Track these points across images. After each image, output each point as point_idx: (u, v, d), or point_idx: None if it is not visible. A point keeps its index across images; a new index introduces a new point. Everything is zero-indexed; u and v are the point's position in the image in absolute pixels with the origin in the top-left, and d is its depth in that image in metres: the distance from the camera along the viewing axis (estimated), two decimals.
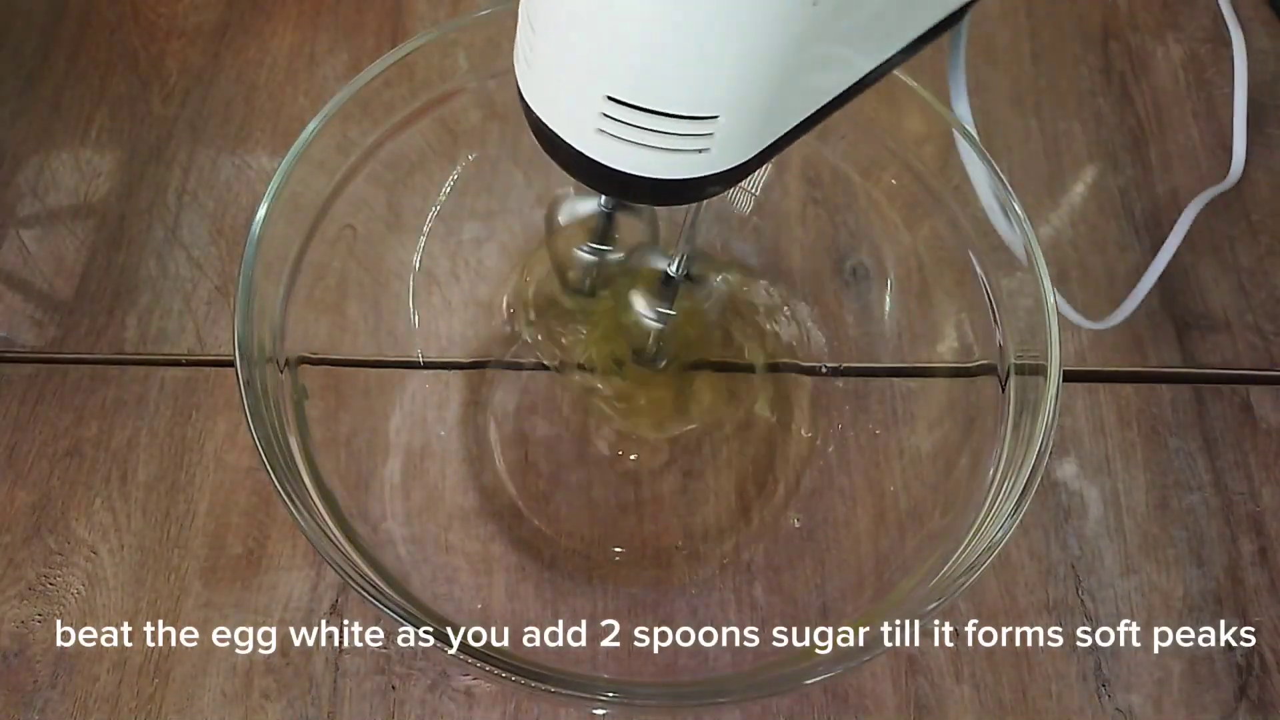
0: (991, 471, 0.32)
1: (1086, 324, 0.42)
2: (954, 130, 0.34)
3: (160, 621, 0.38)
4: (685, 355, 0.41)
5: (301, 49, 0.52)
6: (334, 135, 0.35)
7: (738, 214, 0.44)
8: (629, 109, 0.21)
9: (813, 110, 0.24)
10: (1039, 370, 0.31)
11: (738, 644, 0.37)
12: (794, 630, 0.38)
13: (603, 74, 0.21)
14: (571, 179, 0.24)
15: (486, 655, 0.27)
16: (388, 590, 0.29)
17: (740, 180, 0.24)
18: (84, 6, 0.54)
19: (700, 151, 0.22)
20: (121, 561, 0.39)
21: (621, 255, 0.37)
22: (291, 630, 0.38)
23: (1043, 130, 0.50)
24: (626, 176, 0.23)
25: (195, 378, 0.43)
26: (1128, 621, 0.39)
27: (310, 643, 0.38)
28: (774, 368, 0.43)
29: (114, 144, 0.49)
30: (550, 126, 0.23)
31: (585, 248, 0.36)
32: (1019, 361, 0.33)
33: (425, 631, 0.27)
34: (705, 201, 0.32)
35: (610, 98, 0.21)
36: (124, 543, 0.39)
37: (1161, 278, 0.46)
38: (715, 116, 0.21)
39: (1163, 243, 0.47)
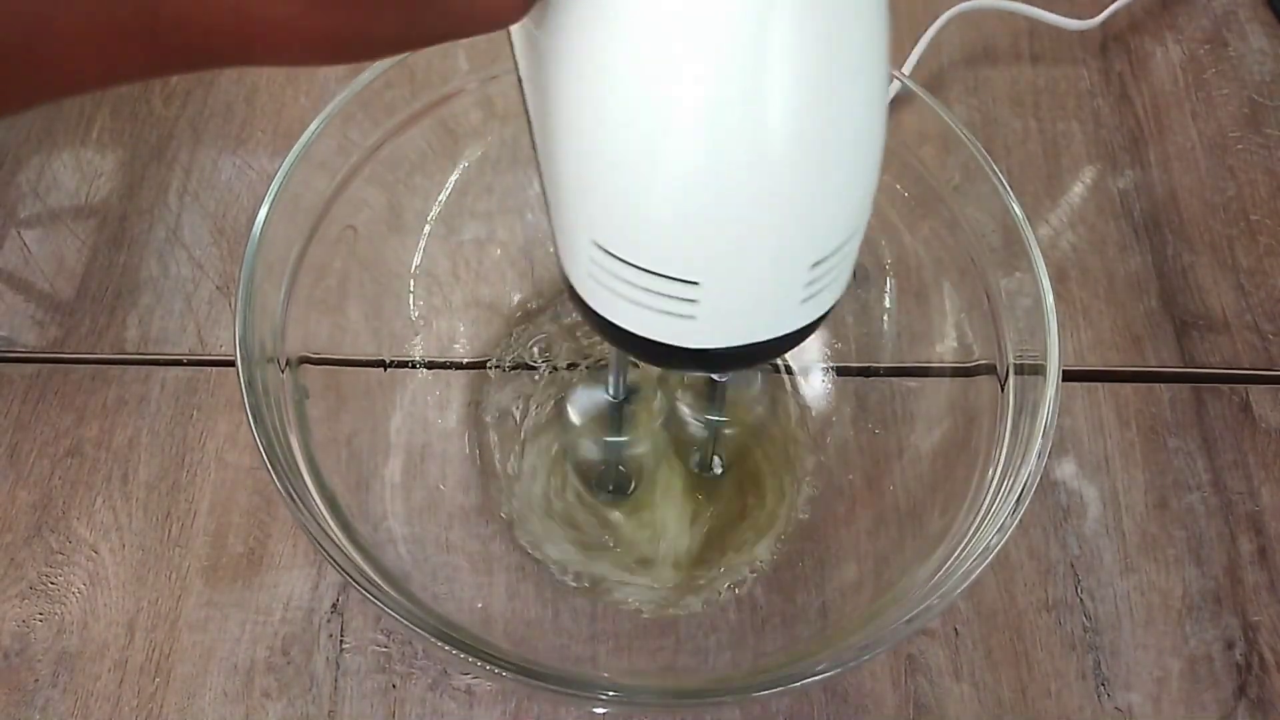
0: (991, 471, 0.32)
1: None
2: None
3: (161, 620, 0.38)
4: (741, 456, 0.40)
5: None
6: (335, 136, 0.35)
7: None
8: (612, 258, 0.21)
9: (805, 321, 0.23)
10: (1038, 370, 0.32)
11: (738, 644, 0.37)
12: (793, 629, 0.38)
13: (588, 220, 0.21)
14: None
15: (487, 655, 0.27)
16: (388, 589, 0.29)
17: (746, 366, 0.24)
18: None
19: (685, 319, 0.21)
20: (123, 561, 0.39)
21: (639, 449, 0.36)
22: (292, 629, 0.38)
23: (1042, 130, 0.50)
24: (622, 330, 0.22)
25: (196, 378, 0.43)
26: (1127, 621, 0.39)
27: (311, 642, 0.38)
28: (773, 368, 0.43)
29: (115, 144, 0.49)
30: (562, 265, 0.23)
31: (599, 442, 0.36)
32: (1018, 361, 0.33)
33: (426, 631, 0.27)
34: None
35: (596, 244, 0.21)
36: (125, 542, 0.40)
37: (1160, 278, 0.46)
38: (696, 283, 0.20)
39: (1164, 248, 0.47)
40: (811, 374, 0.42)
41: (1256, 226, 0.48)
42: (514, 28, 0.22)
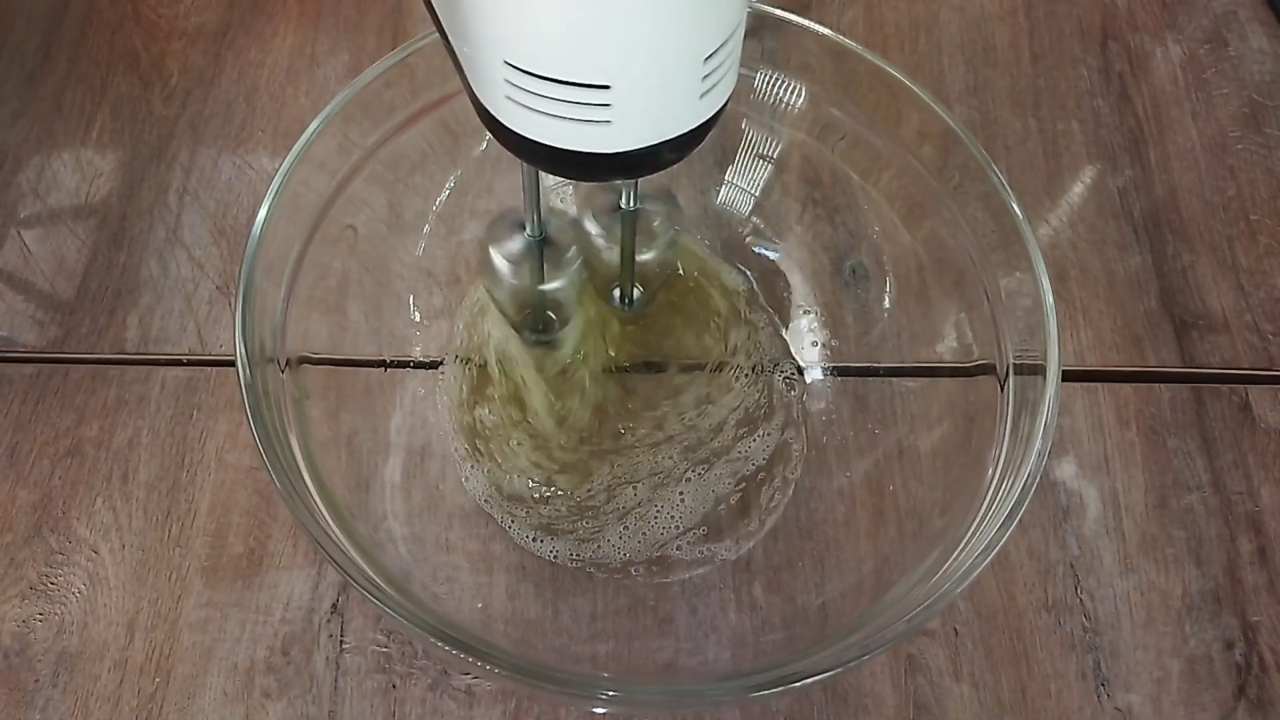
0: (990, 471, 0.32)
1: None
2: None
3: (161, 620, 0.38)
4: (662, 284, 0.42)
5: (302, 50, 0.52)
6: (335, 136, 0.35)
7: (737, 214, 0.44)
8: (527, 75, 0.22)
9: (705, 116, 0.24)
10: (1038, 370, 0.32)
11: (738, 644, 0.37)
12: (793, 629, 0.38)
13: (501, 41, 0.22)
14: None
15: (487, 655, 0.27)
16: (388, 589, 0.29)
17: (658, 168, 0.25)
18: (85, 7, 0.54)
19: (600, 125, 0.23)
20: (123, 561, 0.39)
21: (559, 284, 0.37)
22: (292, 629, 0.38)
23: (1042, 130, 0.51)
24: (540, 145, 0.24)
25: (196, 377, 0.43)
26: (1127, 621, 0.39)
27: (311, 642, 0.38)
28: (774, 367, 0.43)
29: (115, 144, 0.49)
30: (475, 93, 0.24)
31: (522, 283, 0.37)
32: (1018, 361, 0.33)
33: (426, 631, 0.27)
34: None
35: (509, 63, 0.22)
36: (125, 542, 0.40)
37: (1160, 277, 0.46)
38: (608, 86, 0.22)
39: (1164, 248, 0.47)
40: (811, 373, 0.42)
41: (1256, 226, 0.48)
42: None
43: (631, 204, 0.36)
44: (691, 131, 0.24)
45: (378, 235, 0.39)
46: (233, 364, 0.30)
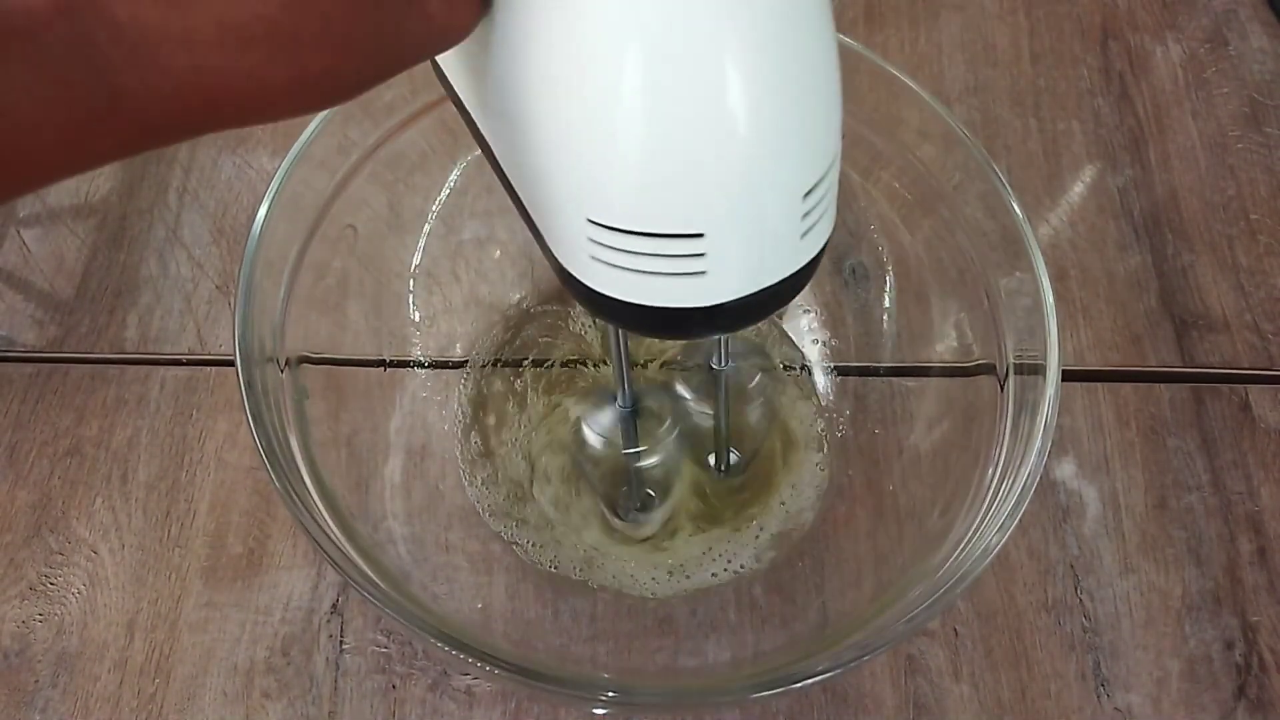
0: (990, 471, 0.32)
1: None
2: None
3: (161, 621, 0.38)
4: (753, 444, 0.40)
5: None
6: (335, 135, 0.35)
7: None
8: (612, 231, 0.20)
9: (806, 258, 0.23)
10: (1038, 370, 0.32)
11: (738, 644, 0.37)
12: (793, 629, 0.38)
13: (582, 197, 0.20)
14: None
15: (487, 655, 0.27)
16: (388, 590, 0.29)
17: (758, 319, 0.23)
18: None
19: (695, 276, 0.21)
20: (122, 561, 0.39)
21: (655, 459, 0.36)
22: (292, 630, 0.38)
23: (1042, 130, 0.50)
24: (629, 305, 0.22)
25: (196, 377, 0.43)
26: (1127, 621, 0.39)
27: (311, 642, 0.38)
28: (774, 367, 0.43)
29: None
30: (554, 255, 0.23)
31: (617, 458, 0.36)
32: (1018, 361, 0.33)
33: (426, 631, 0.27)
34: None
35: (592, 221, 0.20)
36: (125, 542, 0.40)
37: (1160, 277, 0.46)
38: (701, 235, 0.20)
39: (1164, 247, 0.47)
40: (811, 373, 0.42)
41: (1256, 226, 0.48)
42: (450, 58, 0.22)
43: (724, 362, 0.35)
44: (793, 275, 0.22)
45: (378, 235, 0.39)
46: (232, 364, 0.30)
